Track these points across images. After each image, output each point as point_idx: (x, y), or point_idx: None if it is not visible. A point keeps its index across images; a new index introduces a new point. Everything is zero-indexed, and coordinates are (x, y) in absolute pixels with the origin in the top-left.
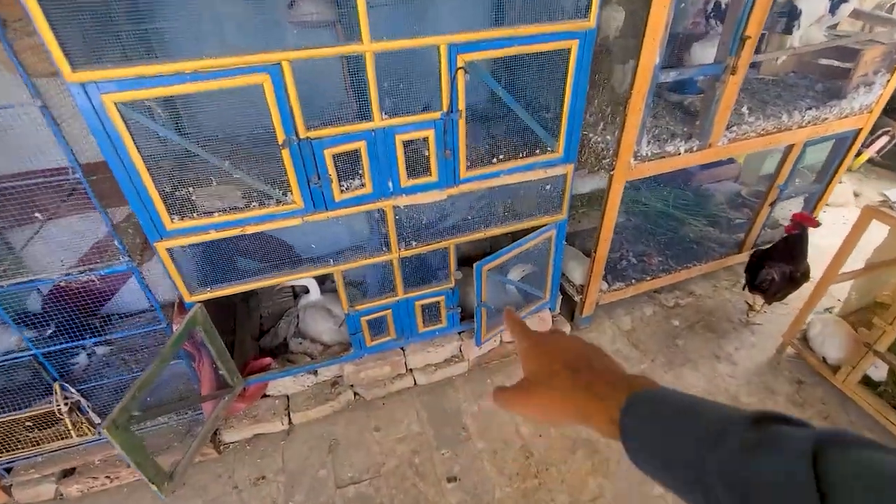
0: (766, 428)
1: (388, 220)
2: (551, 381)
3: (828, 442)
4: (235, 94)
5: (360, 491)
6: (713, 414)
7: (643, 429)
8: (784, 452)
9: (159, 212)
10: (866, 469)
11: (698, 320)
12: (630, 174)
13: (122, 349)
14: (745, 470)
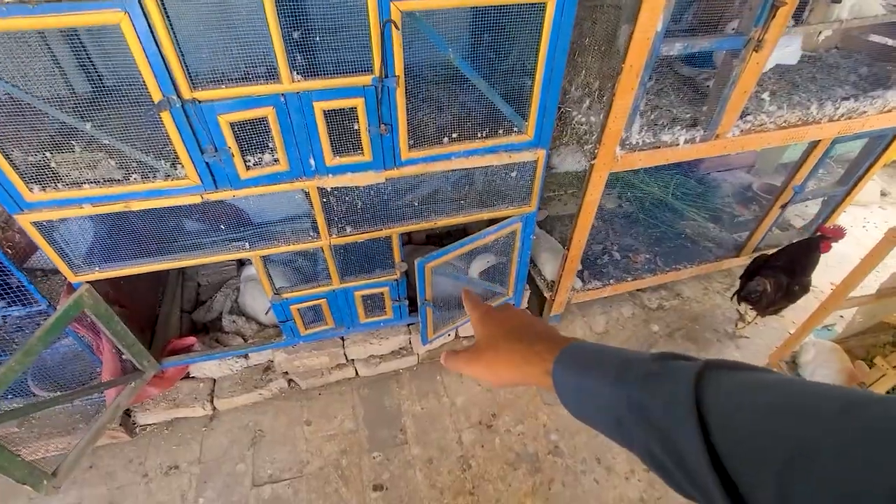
0: (663, 363)
1: (313, 203)
2: (498, 343)
3: (708, 367)
4: (91, 36)
5: (276, 492)
6: (622, 357)
7: (569, 376)
8: (673, 379)
9: (12, 180)
10: (735, 383)
11: (680, 327)
12: (615, 165)
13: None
14: (644, 398)
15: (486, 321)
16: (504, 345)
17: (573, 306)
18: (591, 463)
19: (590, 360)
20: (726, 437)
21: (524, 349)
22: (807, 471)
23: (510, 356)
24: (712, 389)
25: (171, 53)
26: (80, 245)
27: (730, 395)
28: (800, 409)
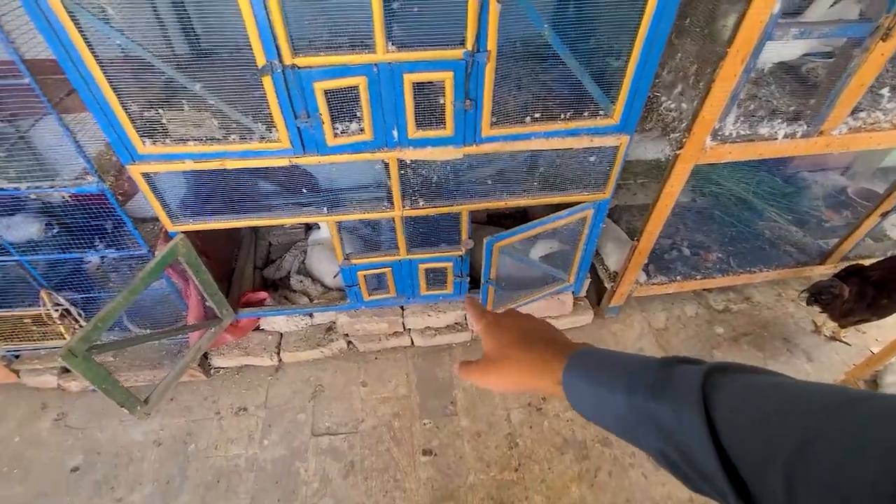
0: (669, 370)
1: (391, 174)
2: (507, 354)
3: (714, 370)
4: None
5: (333, 443)
6: (631, 364)
7: (579, 385)
8: (681, 385)
9: (128, 132)
10: (740, 385)
11: (747, 333)
12: (702, 157)
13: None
14: (654, 406)
15: (493, 331)
16: (514, 354)
17: (633, 300)
18: (639, 457)
19: (599, 369)
20: (734, 437)
21: (534, 358)
22: (810, 462)
23: (520, 366)
24: (719, 392)
25: (278, 20)
26: (178, 198)
27: (736, 397)
28: (803, 405)
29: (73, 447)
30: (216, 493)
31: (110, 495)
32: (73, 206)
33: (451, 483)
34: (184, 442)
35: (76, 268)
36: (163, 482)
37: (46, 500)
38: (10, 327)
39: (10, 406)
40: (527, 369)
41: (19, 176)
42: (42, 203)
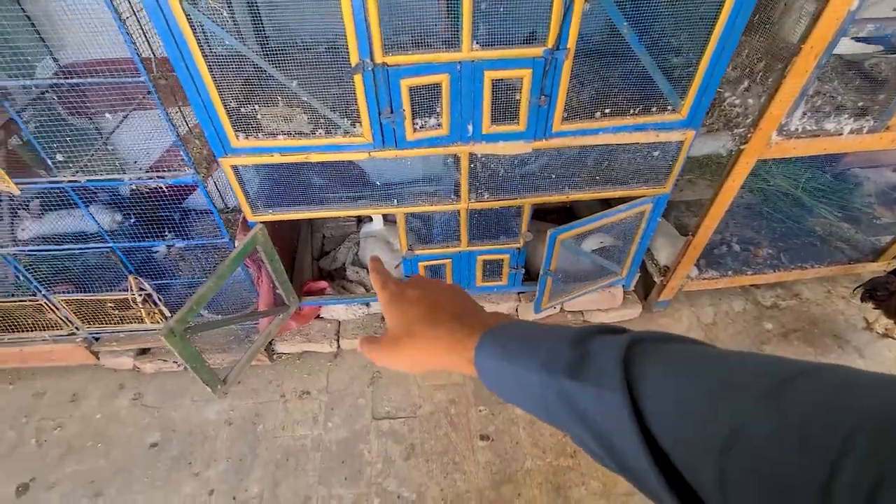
0: (587, 342)
1: (461, 168)
2: (413, 331)
3: (635, 342)
4: (309, 5)
5: (394, 426)
6: (548, 338)
7: (492, 366)
8: (600, 362)
9: (225, 126)
10: (666, 363)
11: (797, 329)
12: (767, 152)
13: (196, 246)
14: (571, 387)
15: (397, 302)
16: (420, 331)
17: (681, 295)
18: None
19: (514, 345)
20: (663, 423)
21: (443, 335)
22: (744, 451)
23: (428, 344)
24: (644, 367)
25: (375, 21)
26: (257, 189)
27: (662, 374)
28: (734, 390)
29: (150, 425)
30: (286, 471)
31: (188, 470)
32: (140, 197)
33: (509, 467)
34: (252, 422)
35: (148, 256)
36: (235, 459)
37: (129, 474)
38: (93, 310)
39: (91, 385)
40: (435, 348)
41: (107, 168)
42: (111, 196)
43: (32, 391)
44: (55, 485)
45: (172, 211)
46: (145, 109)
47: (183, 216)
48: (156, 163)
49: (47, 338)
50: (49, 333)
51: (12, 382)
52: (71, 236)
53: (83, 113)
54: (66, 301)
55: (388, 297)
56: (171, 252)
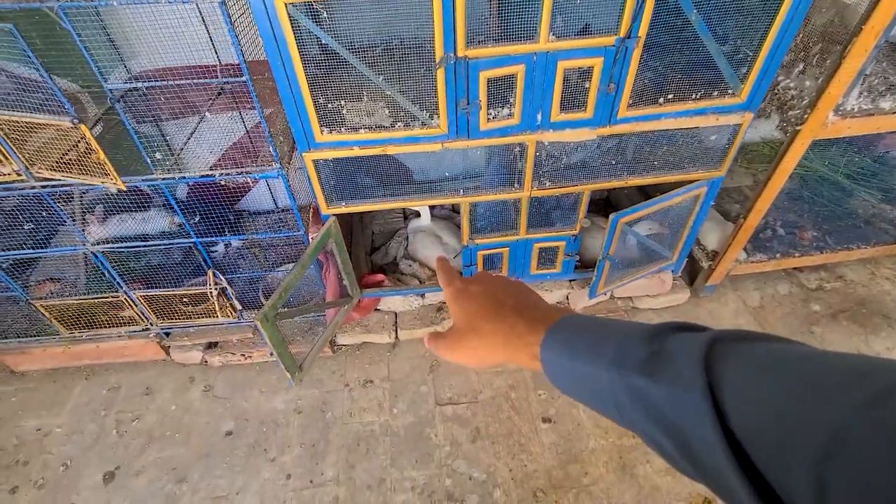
0: (662, 341)
1: (527, 156)
2: (476, 325)
3: (718, 341)
4: (399, 4)
5: (457, 412)
6: (617, 334)
7: (559, 361)
8: (679, 360)
9: (311, 122)
10: (752, 360)
11: (844, 309)
12: (823, 132)
13: (253, 244)
14: (646, 385)
15: (461, 299)
16: (483, 327)
17: (726, 280)
18: None
19: (581, 341)
20: (747, 424)
21: (506, 331)
22: (848, 458)
23: (491, 340)
24: (727, 367)
25: (461, 16)
26: (332, 181)
27: (748, 374)
28: (831, 393)
29: (224, 415)
30: (358, 455)
31: (264, 456)
32: (196, 200)
33: (574, 447)
34: (321, 410)
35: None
36: (308, 445)
37: (209, 459)
38: (167, 306)
39: (163, 379)
40: (499, 343)
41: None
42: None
43: (107, 386)
44: (140, 472)
45: (228, 211)
46: (214, 113)
47: (237, 217)
48: (218, 161)
49: (123, 333)
50: (125, 329)
51: (87, 377)
52: (135, 237)
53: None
54: (144, 297)
55: (453, 294)
56: (228, 251)
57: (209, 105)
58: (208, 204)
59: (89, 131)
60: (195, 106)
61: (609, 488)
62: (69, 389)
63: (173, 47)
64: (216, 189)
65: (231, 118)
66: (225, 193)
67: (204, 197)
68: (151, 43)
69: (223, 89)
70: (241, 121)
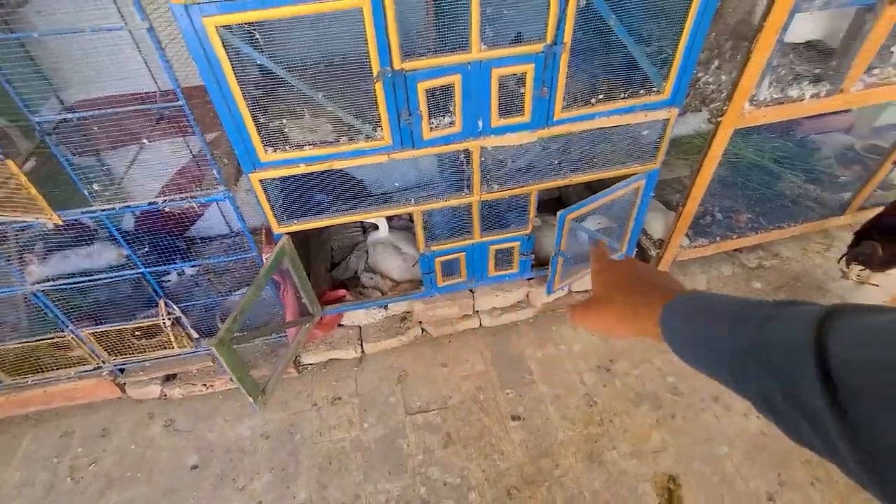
0: (788, 306)
1: (473, 162)
2: (612, 294)
3: (833, 311)
4: (333, 20)
5: (428, 419)
6: (740, 302)
7: (678, 321)
8: (795, 322)
9: (254, 142)
10: (862, 328)
11: (783, 285)
12: (742, 121)
13: (207, 270)
14: (762, 341)
15: (604, 273)
16: (618, 297)
17: (674, 266)
18: (708, 402)
19: (703, 306)
20: (849, 374)
21: (636, 300)
22: None
23: (623, 308)
24: (837, 334)
25: (393, 31)
26: (281, 200)
27: (856, 341)
28: None
29: (187, 447)
30: (330, 473)
31: (232, 486)
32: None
33: (544, 442)
34: (289, 432)
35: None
36: (278, 469)
37: (175, 495)
38: (119, 341)
39: (119, 418)
40: (627, 310)
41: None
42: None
43: (60, 432)
44: None
45: (178, 239)
46: (151, 141)
47: (189, 244)
48: (163, 188)
49: (73, 374)
50: (75, 370)
51: (36, 425)
52: (80, 274)
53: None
54: (93, 334)
55: (597, 268)
56: (182, 279)
57: (149, 132)
58: (157, 233)
59: (19, 167)
60: (134, 134)
61: (579, 477)
62: (17, 440)
63: (107, 76)
64: (164, 217)
65: (174, 144)
66: (174, 221)
67: (152, 226)
68: (85, 73)
69: (163, 115)
70: (187, 147)
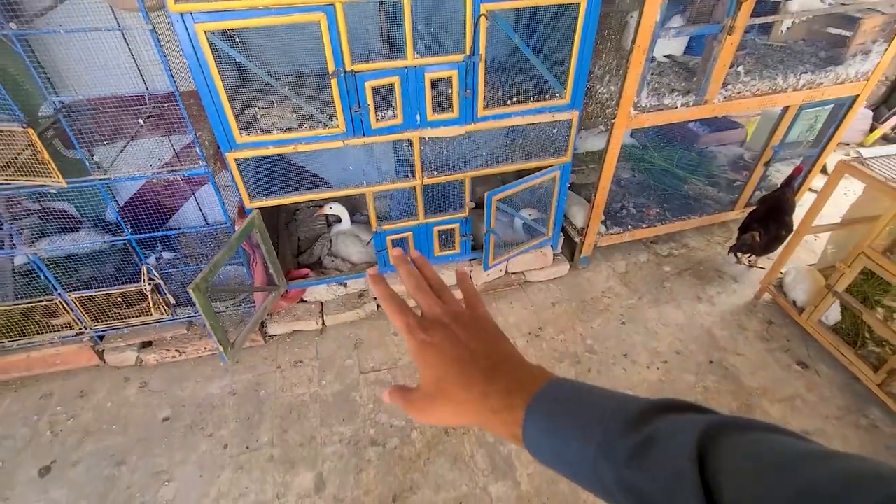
0: (651, 425)
1: (414, 150)
2: (445, 390)
3: (714, 431)
4: (297, 29)
5: (379, 377)
6: (603, 418)
7: (543, 444)
8: (672, 452)
9: (231, 126)
10: (746, 457)
11: (688, 268)
12: (630, 123)
13: (185, 255)
14: (638, 478)
15: (426, 352)
16: (452, 391)
17: (598, 252)
18: (619, 358)
19: (564, 423)
20: None
21: (476, 399)
22: None
23: (462, 407)
24: (721, 464)
25: (344, 40)
26: (253, 179)
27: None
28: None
29: (161, 404)
30: (290, 421)
31: (201, 433)
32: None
33: None
34: (255, 390)
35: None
36: (244, 419)
37: (148, 442)
38: (102, 307)
39: (96, 383)
40: (472, 412)
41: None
42: (94, 220)
43: (39, 394)
44: (77, 462)
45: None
46: (137, 139)
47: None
48: (146, 182)
49: (56, 339)
50: (58, 335)
51: (17, 390)
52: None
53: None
54: (79, 299)
55: (417, 346)
56: (160, 262)
57: (136, 130)
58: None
59: (35, 134)
60: (122, 131)
61: None
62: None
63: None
64: (146, 208)
65: (159, 142)
66: (155, 211)
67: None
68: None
69: (151, 114)
70: (171, 145)
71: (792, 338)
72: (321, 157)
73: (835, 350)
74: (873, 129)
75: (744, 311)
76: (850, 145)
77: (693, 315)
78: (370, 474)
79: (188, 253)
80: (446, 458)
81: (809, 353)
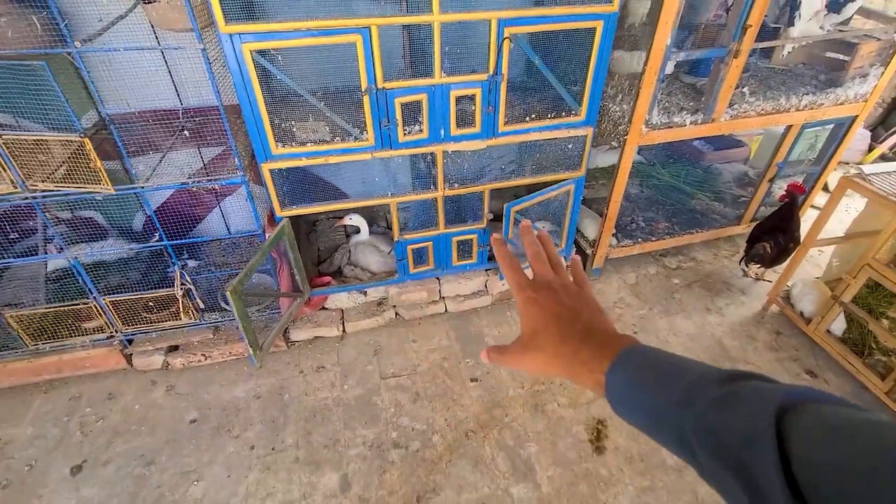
0: (737, 384)
1: (437, 163)
2: (540, 345)
3: (791, 395)
4: (334, 49)
5: (399, 382)
6: (689, 373)
7: (626, 391)
8: (752, 407)
9: (269, 138)
10: (822, 420)
11: (696, 280)
12: (641, 140)
13: (209, 263)
14: (717, 424)
15: (531, 308)
16: (548, 345)
17: (609, 265)
18: None
19: (649, 374)
20: (815, 480)
21: (570, 355)
22: None
23: (556, 360)
24: (798, 424)
25: (378, 59)
26: (284, 189)
27: (818, 435)
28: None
29: (187, 407)
30: (314, 423)
31: (228, 434)
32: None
33: (497, 397)
34: (279, 394)
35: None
36: (269, 421)
37: (176, 443)
38: (132, 311)
39: (123, 385)
40: (563, 364)
41: None
42: (120, 230)
43: (69, 396)
44: (108, 462)
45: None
46: (175, 150)
47: (190, 246)
48: (177, 192)
49: (87, 343)
50: (89, 338)
51: (46, 392)
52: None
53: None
54: (112, 303)
55: (523, 301)
56: (186, 270)
57: (173, 142)
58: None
59: (90, 144)
60: (156, 145)
61: (525, 423)
62: (27, 404)
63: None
64: (172, 218)
65: (189, 154)
66: (181, 221)
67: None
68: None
69: (185, 127)
70: (200, 157)
71: (800, 347)
72: (348, 169)
73: (842, 359)
74: (871, 148)
75: (752, 322)
76: (850, 164)
77: (703, 325)
78: (394, 475)
79: (212, 261)
80: (468, 461)
81: (818, 363)
